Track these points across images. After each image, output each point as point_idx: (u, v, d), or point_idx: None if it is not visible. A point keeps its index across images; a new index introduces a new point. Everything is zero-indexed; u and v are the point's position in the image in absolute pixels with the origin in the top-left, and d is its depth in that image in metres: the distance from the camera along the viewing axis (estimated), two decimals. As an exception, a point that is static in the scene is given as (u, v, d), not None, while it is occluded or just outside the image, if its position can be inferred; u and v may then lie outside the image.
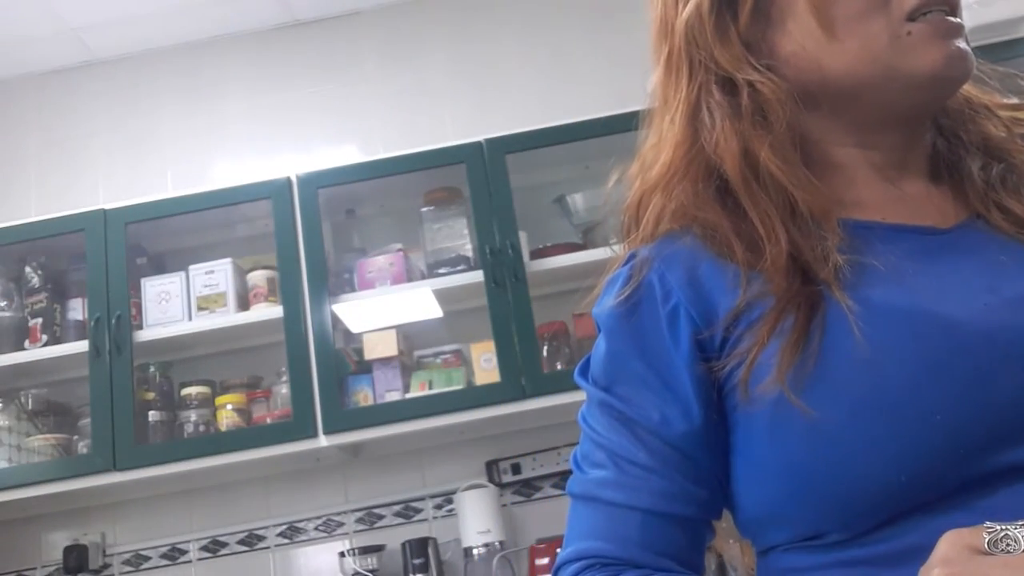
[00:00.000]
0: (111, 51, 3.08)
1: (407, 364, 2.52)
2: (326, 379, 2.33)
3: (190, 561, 2.64)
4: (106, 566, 2.63)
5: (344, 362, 2.48)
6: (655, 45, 0.80)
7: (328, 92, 3.02)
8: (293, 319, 2.38)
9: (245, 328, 2.51)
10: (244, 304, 2.53)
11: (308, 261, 2.43)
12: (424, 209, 2.61)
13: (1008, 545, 0.47)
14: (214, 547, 2.64)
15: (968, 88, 0.77)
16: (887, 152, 0.73)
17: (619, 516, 0.69)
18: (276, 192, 2.51)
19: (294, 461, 2.55)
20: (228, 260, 2.54)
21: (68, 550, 2.55)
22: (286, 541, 2.64)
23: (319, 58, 3.05)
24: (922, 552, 0.51)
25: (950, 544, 0.49)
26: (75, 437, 2.53)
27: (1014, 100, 0.81)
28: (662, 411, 0.69)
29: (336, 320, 2.45)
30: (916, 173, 0.75)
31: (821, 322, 0.64)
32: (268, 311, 2.47)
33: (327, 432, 2.30)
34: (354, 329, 2.55)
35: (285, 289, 2.43)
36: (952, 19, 0.68)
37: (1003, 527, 0.47)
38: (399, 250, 2.53)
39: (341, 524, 2.64)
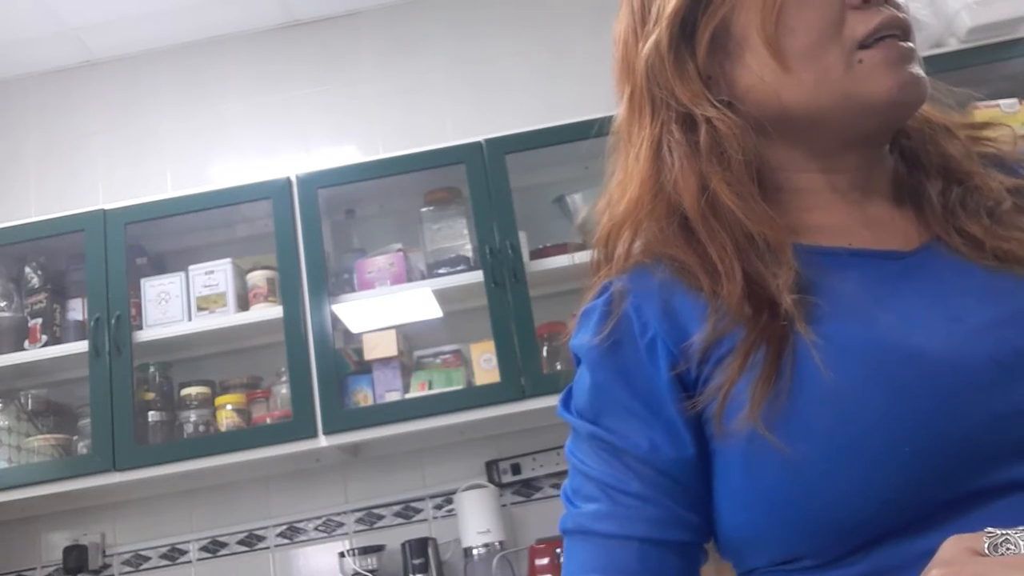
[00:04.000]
0: (111, 51, 3.08)
1: (407, 364, 2.52)
2: (326, 379, 2.33)
3: (190, 561, 2.64)
4: (106, 566, 2.63)
5: (344, 362, 2.48)
6: (618, 84, 0.81)
7: (328, 92, 3.02)
8: (293, 319, 2.38)
9: (245, 328, 2.51)
10: (244, 304, 2.53)
11: (308, 261, 2.43)
12: (424, 209, 2.61)
13: (1008, 549, 0.47)
14: (214, 547, 2.64)
15: (928, 108, 0.78)
16: (849, 174, 0.74)
17: (616, 548, 0.69)
18: (276, 192, 2.51)
19: (294, 461, 2.55)
20: (228, 260, 2.54)
21: (68, 550, 2.55)
22: (286, 541, 2.64)
23: (319, 58, 3.05)
24: (896, 572, 0.52)
25: (951, 547, 0.50)
26: (75, 437, 2.53)
27: (973, 118, 0.82)
28: (651, 439, 0.69)
29: (336, 320, 2.45)
30: (880, 195, 0.76)
31: (791, 356, 0.64)
32: (268, 311, 2.46)
33: (327, 432, 2.30)
34: (354, 329, 2.55)
35: (285, 289, 2.43)
36: (904, 44, 0.69)
37: (1003, 532, 0.48)
38: (399, 250, 2.53)
39: (341, 524, 2.64)
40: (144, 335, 2.46)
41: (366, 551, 2.49)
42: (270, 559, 2.63)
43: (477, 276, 2.41)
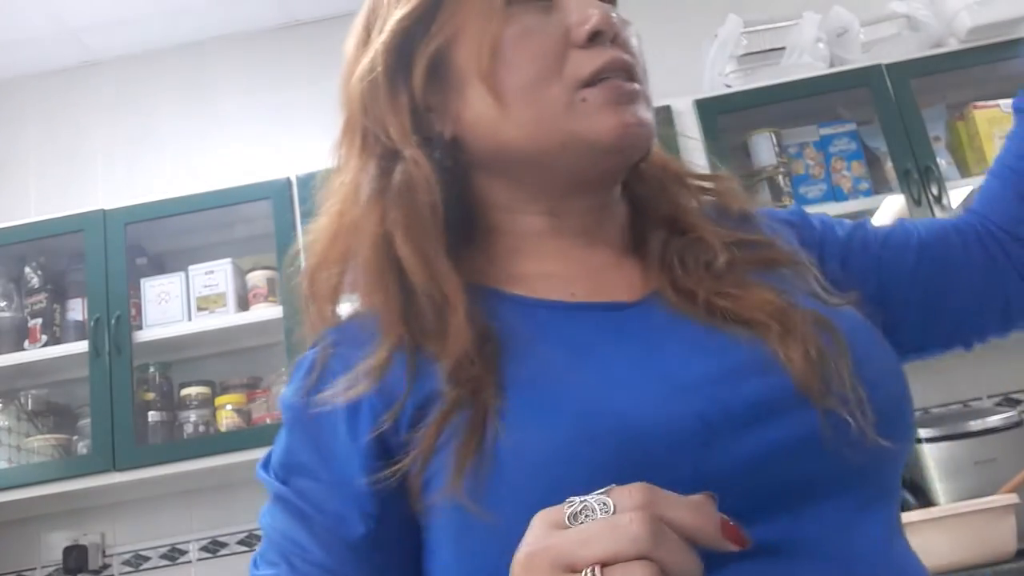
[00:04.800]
0: (111, 51, 3.08)
1: (407, 364, 2.52)
2: (326, 379, 2.33)
3: (190, 561, 2.63)
4: (106, 566, 2.62)
5: (344, 362, 2.47)
6: (339, 110, 0.77)
7: (328, 92, 2.98)
8: (293, 319, 2.38)
9: (245, 328, 2.50)
10: (244, 304, 2.53)
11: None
12: (424, 209, 2.60)
13: (587, 516, 0.46)
14: (214, 547, 2.64)
15: (665, 155, 0.75)
16: (575, 218, 0.70)
17: None
18: (276, 192, 2.51)
19: (294, 461, 2.54)
20: (228, 260, 2.54)
21: (68, 550, 2.55)
22: (286, 541, 2.64)
23: (318, 58, 3.05)
24: None
25: (536, 523, 0.48)
26: (75, 437, 2.53)
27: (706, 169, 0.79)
28: (339, 510, 0.63)
29: (336, 320, 2.45)
30: (607, 243, 0.72)
31: (494, 421, 0.58)
32: (268, 311, 2.46)
33: (327, 432, 2.30)
34: (354, 329, 2.55)
35: (285, 289, 2.42)
36: (629, 85, 0.66)
37: (583, 499, 0.47)
38: (399, 250, 2.53)
39: (341, 524, 2.64)
40: (144, 335, 2.45)
41: (366, 551, 2.49)
42: (270, 559, 2.63)
43: (477, 276, 2.41)
